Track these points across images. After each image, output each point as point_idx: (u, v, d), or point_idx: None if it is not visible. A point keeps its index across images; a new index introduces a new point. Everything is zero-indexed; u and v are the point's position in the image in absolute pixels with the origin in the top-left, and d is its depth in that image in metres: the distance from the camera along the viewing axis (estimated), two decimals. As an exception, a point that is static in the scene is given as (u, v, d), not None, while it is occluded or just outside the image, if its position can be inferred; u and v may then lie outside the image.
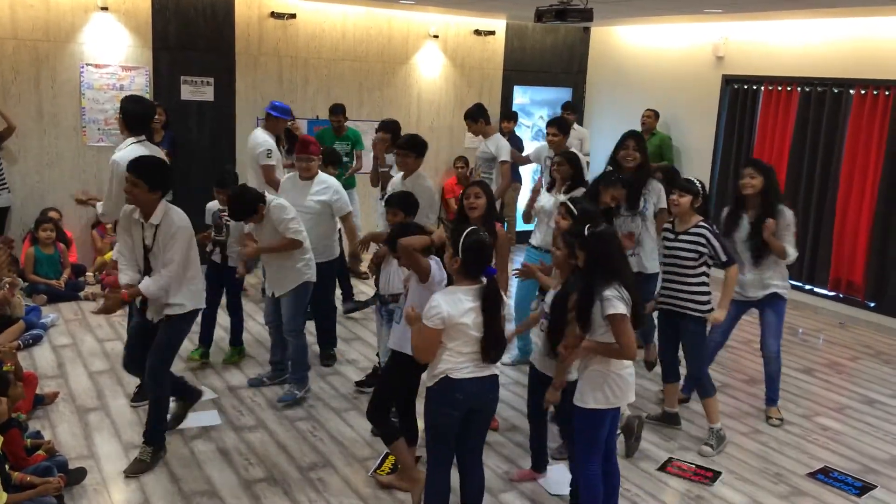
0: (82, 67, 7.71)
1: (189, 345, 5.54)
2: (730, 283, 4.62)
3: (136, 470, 4.14)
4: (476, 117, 7.00)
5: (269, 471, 4.27)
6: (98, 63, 7.77)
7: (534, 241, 5.62)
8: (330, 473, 4.29)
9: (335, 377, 5.63)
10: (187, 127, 8.19)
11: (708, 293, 4.65)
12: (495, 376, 3.45)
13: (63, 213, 7.57)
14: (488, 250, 3.37)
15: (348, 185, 7.20)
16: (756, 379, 5.79)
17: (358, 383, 5.45)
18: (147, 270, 4.09)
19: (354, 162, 8.02)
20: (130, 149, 4.68)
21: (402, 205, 4.56)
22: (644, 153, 5.33)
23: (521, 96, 10.30)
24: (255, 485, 4.12)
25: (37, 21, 7.45)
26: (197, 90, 8.28)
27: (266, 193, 5.04)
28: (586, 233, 3.50)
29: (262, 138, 6.53)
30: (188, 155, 8.02)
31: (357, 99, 9.00)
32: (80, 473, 4.00)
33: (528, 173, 9.85)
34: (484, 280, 3.32)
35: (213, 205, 5.73)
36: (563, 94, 10.51)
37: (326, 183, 5.43)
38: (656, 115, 8.93)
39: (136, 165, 3.98)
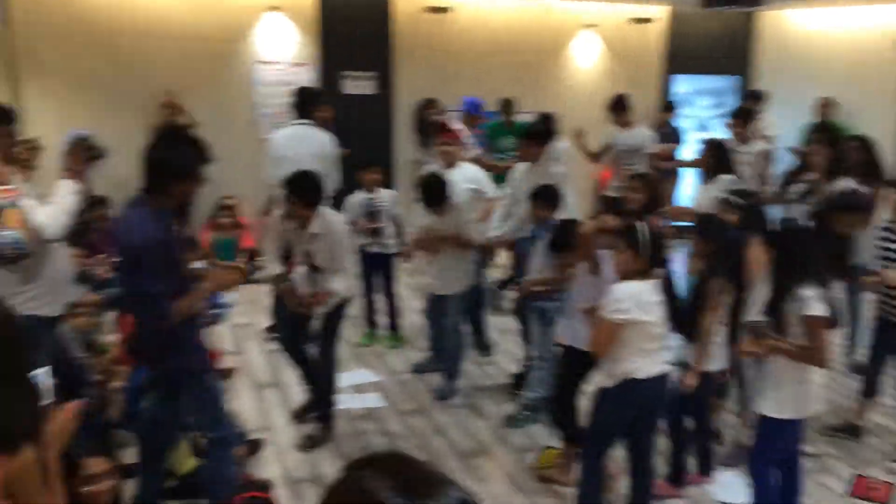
0: (254, 64, 8.17)
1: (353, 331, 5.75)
2: None
3: (307, 444, 4.35)
4: (620, 108, 6.84)
5: (429, 455, 4.35)
6: (268, 60, 8.21)
7: None
8: (488, 461, 4.32)
9: (491, 367, 5.66)
10: (349, 120, 8.49)
11: None
12: (667, 373, 3.35)
13: (238, 201, 8.06)
14: (665, 243, 3.29)
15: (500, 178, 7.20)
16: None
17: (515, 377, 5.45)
18: (309, 265, 4.26)
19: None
20: (289, 129, 5.45)
21: (548, 198, 4.53)
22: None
23: (682, 85, 9.92)
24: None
25: (214, 22, 7.96)
26: (358, 84, 8.57)
27: None
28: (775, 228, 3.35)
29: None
30: (349, 147, 8.30)
31: (509, 91, 8.94)
32: (257, 445, 4.25)
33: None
34: (660, 273, 3.24)
35: (359, 196, 5.71)
36: (728, 82, 10.04)
37: (470, 171, 5.50)
38: (832, 103, 8.29)
39: (289, 185, 4.09)
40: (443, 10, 8.68)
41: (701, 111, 10.07)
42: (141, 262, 2.95)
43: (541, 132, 5.28)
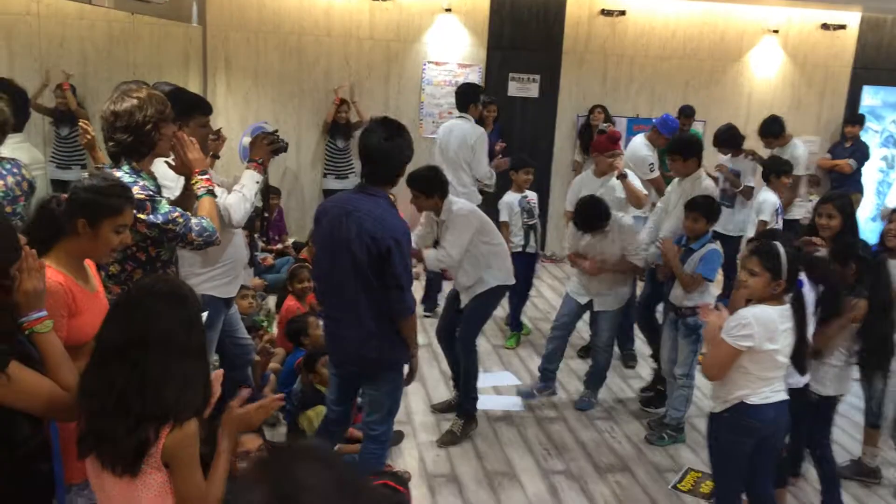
0: (424, 65, 8.40)
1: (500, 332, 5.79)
2: None
3: (446, 441, 4.44)
4: (775, 132, 6.59)
5: (566, 464, 4.31)
6: (438, 61, 8.41)
7: None
8: (628, 478, 4.22)
9: (635, 380, 5.51)
10: (512, 121, 8.55)
11: None
12: (787, 400, 3.13)
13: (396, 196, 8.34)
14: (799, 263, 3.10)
15: None
16: None
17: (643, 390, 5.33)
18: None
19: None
20: (448, 122, 6.17)
21: (706, 211, 4.40)
22: None
23: (872, 97, 9.16)
24: (552, 475, 4.19)
25: (390, 23, 8.27)
26: (523, 87, 8.60)
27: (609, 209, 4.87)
28: None
29: (644, 151, 6.13)
30: (511, 148, 8.36)
31: (682, 98, 8.65)
32: (399, 436, 4.38)
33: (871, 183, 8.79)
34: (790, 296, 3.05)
35: (512, 196, 5.83)
36: (925, 95, 9.16)
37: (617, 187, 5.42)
38: None
39: (410, 181, 4.26)
40: (617, 12, 8.51)
41: (892, 126, 9.26)
42: (392, 255, 3.09)
43: (687, 146, 5.05)
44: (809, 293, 3.35)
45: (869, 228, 8.17)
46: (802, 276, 3.25)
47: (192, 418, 1.94)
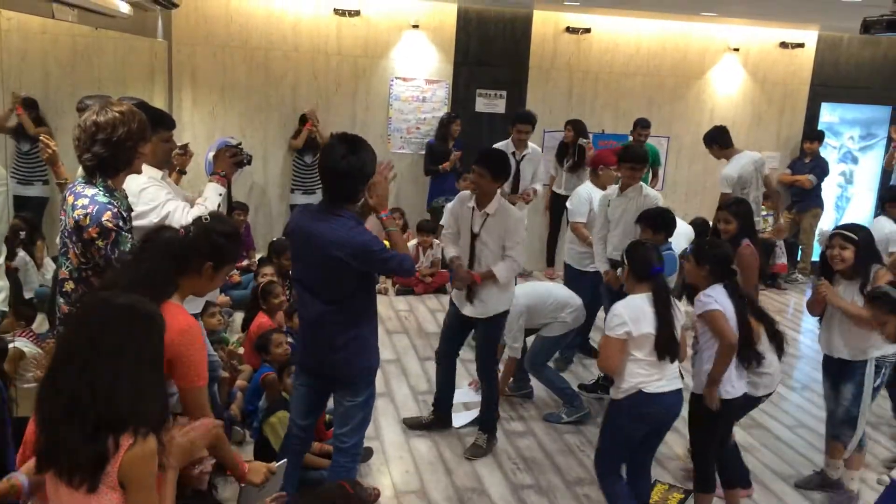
0: (392, 81, 8.42)
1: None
2: None
3: (474, 454, 4.54)
4: (713, 142, 6.74)
5: (535, 479, 4.32)
6: (405, 77, 8.45)
7: None
8: (596, 490, 4.22)
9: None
10: (480, 137, 8.60)
11: None
12: (681, 389, 3.46)
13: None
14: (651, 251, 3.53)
15: None
16: None
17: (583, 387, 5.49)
18: (472, 257, 4.39)
19: (650, 178, 7.92)
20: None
21: (655, 224, 4.57)
22: None
23: (830, 114, 9.39)
24: (522, 490, 4.20)
25: (357, 39, 8.28)
26: (490, 102, 8.67)
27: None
28: None
29: None
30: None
31: (646, 114, 8.78)
32: (368, 453, 4.36)
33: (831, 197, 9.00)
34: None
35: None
36: (880, 113, 9.41)
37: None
38: None
39: (483, 157, 4.35)
40: (582, 30, 8.63)
41: (849, 142, 9.50)
42: (370, 263, 3.14)
43: (644, 157, 5.21)
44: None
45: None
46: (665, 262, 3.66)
47: (150, 434, 1.91)
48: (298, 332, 3.63)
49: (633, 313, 3.35)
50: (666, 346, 3.33)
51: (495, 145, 5.67)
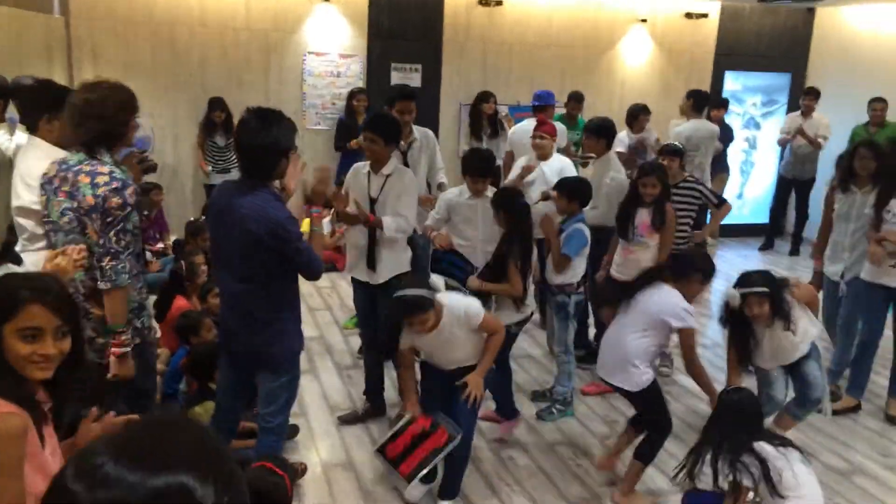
0: (305, 56, 8.28)
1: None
2: None
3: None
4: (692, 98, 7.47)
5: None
6: (319, 51, 8.32)
7: None
8: (520, 454, 4.34)
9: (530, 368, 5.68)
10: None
11: None
12: None
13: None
14: None
15: None
16: None
17: None
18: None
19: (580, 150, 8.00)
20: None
21: (570, 191, 4.61)
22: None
23: (734, 82, 9.75)
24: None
25: (267, 13, 8.10)
26: (406, 76, 8.63)
27: None
28: None
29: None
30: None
31: (560, 86, 8.88)
32: (294, 430, 4.34)
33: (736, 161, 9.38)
34: None
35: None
36: (780, 79, 9.83)
37: (558, 163, 5.43)
38: (886, 104, 7.90)
39: (373, 122, 4.33)
40: (494, 2, 8.66)
41: (752, 109, 9.89)
42: (282, 243, 3.03)
43: (610, 128, 5.40)
44: None
45: (736, 206, 8.69)
46: None
47: (10, 410, 1.73)
48: (219, 313, 3.54)
49: None
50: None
51: None
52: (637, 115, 7.39)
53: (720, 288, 7.43)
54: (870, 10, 8.98)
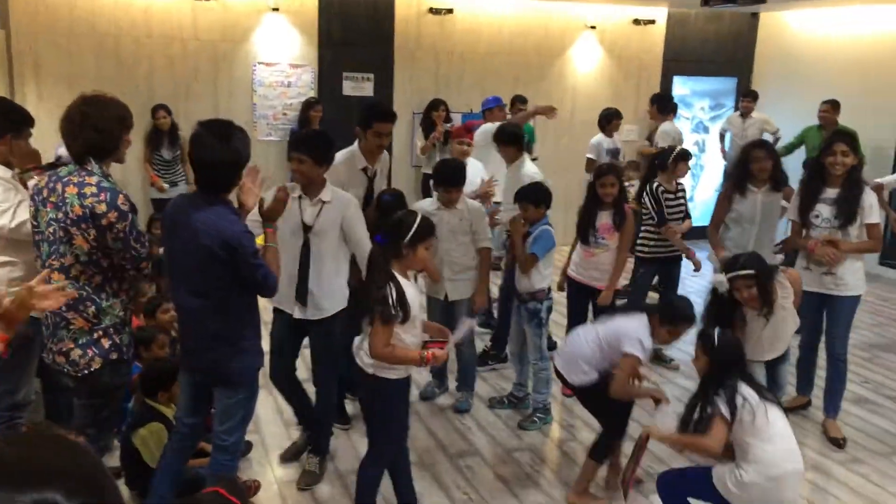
0: (255, 66, 8.20)
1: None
2: None
3: (309, 482, 4.04)
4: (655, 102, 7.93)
5: (419, 456, 4.35)
6: (269, 62, 8.23)
7: None
8: (478, 462, 4.32)
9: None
10: (349, 121, 8.50)
11: None
12: None
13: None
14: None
15: None
16: None
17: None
18: (305, 253, 3.83)
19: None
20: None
21: (534, 198, 4.61)
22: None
23: (682, 87, 9.91)
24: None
25: (215, 23, 8.00)
26: (358, 86, 8.59)
27: None
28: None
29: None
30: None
31: (511, 93, 8.96)
32: (248, 447, 4.25)
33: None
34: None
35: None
36: (727, 84, 10.03)
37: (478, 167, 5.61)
38: (836, 107, 8.04)
39: (301, 142, 3.92)
40: (445, 11, 8.68)
41: (700, 113, 10.07)
42: (238, 257, 2.95)
43: (519, 136, 5.41)
44: None
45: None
46: None
47: None
48: (178, 328, 3.44)
49: None
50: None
51: (338, 154, 4.21)
52: (611, 120, 7.58)
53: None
54: (812, 15, 9.22)
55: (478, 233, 4.65)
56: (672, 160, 5.52)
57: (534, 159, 6.28)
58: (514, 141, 5.42)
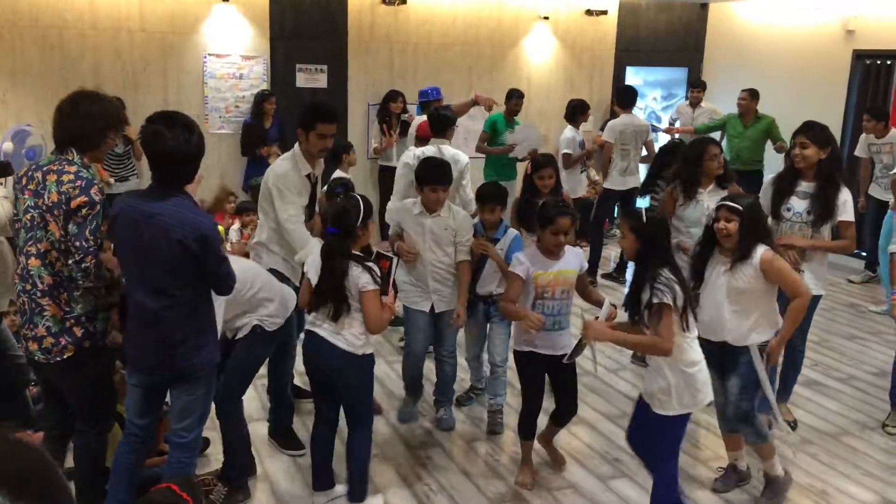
0: (205, 58, 8.05)
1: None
2: None
3: None
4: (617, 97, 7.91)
5: (381, 449, 4.34)
6: (219, 53, 8.10)
7: None
8: (439, 454, 4.34)
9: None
10: (302, 114, 8.42)
11: None
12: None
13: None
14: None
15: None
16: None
17: None
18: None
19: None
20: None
21: (502, 199, 4.55)
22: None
23: (634, 77, 10.02)
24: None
25: (163, 14, 7.83)
26: (311, 77, 8.51)
27: None
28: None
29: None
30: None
31: (466, 84, 8.99)
32: (205, 443, 4.20)
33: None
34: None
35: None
36: (678, 74, 10.17)
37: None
38: (754, 95, 8.10)
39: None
40: (398, 2, 8.63)
41: (652, 103, 10.19)
42: (206, 249, 2.94)
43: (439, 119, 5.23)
44: None
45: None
46: None
47: None
48: (128, 329, 3.33)
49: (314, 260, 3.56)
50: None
51: (280, 162, 4.27)
52: (579, 112, 7.66)
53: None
54: (760, 5, 9.39)
55: (460, 244, 4.38)
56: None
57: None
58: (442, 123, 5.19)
